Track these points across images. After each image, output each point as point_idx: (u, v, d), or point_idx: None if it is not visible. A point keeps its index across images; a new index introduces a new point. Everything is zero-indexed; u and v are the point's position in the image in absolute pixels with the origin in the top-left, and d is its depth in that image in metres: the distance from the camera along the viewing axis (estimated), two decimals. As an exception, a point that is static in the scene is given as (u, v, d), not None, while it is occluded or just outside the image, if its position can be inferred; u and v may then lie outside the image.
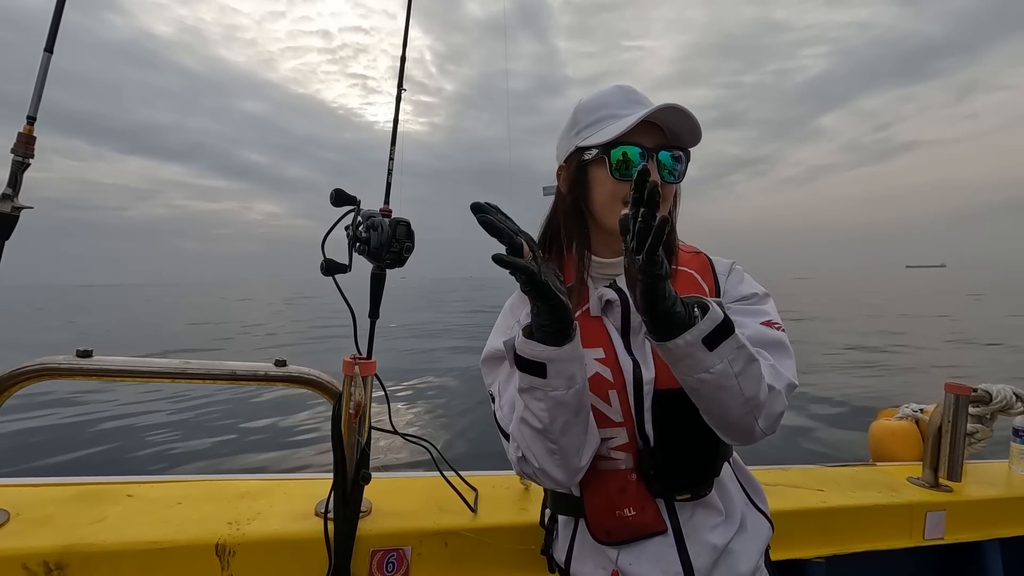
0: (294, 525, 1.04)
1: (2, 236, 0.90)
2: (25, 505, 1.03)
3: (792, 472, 1.52)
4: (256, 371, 1.09)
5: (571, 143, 0.87)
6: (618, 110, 0.84)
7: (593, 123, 0.85)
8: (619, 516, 0.81)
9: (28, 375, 0.98)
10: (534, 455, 0.77)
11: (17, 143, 0.91)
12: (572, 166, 0.87)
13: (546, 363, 0.71)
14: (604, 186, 0.83)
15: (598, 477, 0.82)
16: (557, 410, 0.73)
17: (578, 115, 0.87)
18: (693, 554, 0.81)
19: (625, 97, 0.85)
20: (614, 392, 0.81)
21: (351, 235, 1.05)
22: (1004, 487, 1.54)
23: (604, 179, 0.83)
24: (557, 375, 0.71)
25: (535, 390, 0.73)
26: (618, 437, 0.81)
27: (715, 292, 0.89)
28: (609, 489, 0.82)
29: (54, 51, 0.94)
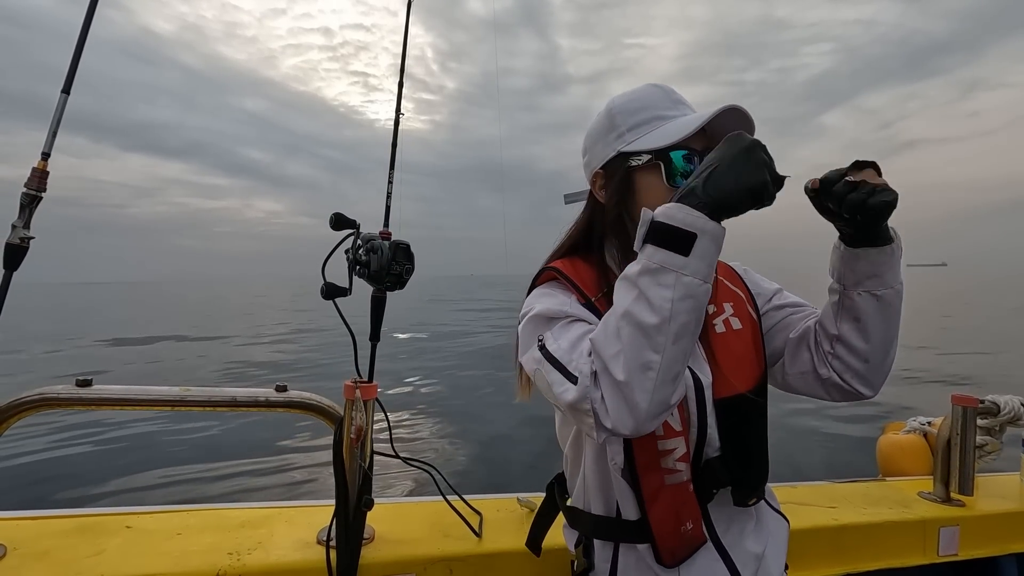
0: (296, 554, 1.02)
1: (11, 267, 0.91)
2: (22, 539, 1.02)
3: (801, 489, 1.50)
4: (256, 397, 1.08)
5: (611, 148, 0.81)
6: (663, 111, 0.79)
7: (637, 126, 0.79)
8: (683, 532, 0.76)
9: (27, 406, 0.97)
10: (623, 365, 0.61)
11: (31, 178, 0.93)
12: (615, 173, 0.81)
13: (697, 235, 0.61)
14: (655, 194, 0.77)
15: (665, 492, 0.75)
16: (683, 304, 0.61)
17: (616, 118, 0.81)
18: (740, 565, 0.78)
19: (667, 97, 0.80)
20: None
21: (351, 258, 1.05)
22: (1018, 500, 1.51)
23: (656, 186, 0.77)
24: (701, 256, 0.61)
25: (665, 272, 0.61)
26: (679, 448, 0.75)
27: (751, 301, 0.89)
28: (676, 504, 0.76)
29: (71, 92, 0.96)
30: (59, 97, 0.96)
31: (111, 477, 5.03)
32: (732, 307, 0.85)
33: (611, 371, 0.62)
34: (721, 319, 0.83)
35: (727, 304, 0.86)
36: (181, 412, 1.08)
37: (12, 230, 0.91)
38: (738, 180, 0.62)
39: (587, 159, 0.87)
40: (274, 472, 5.06)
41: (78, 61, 0.97)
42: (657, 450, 0.75)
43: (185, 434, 6.34)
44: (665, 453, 0.75)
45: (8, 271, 0.92)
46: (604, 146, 0.82)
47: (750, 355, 0.82)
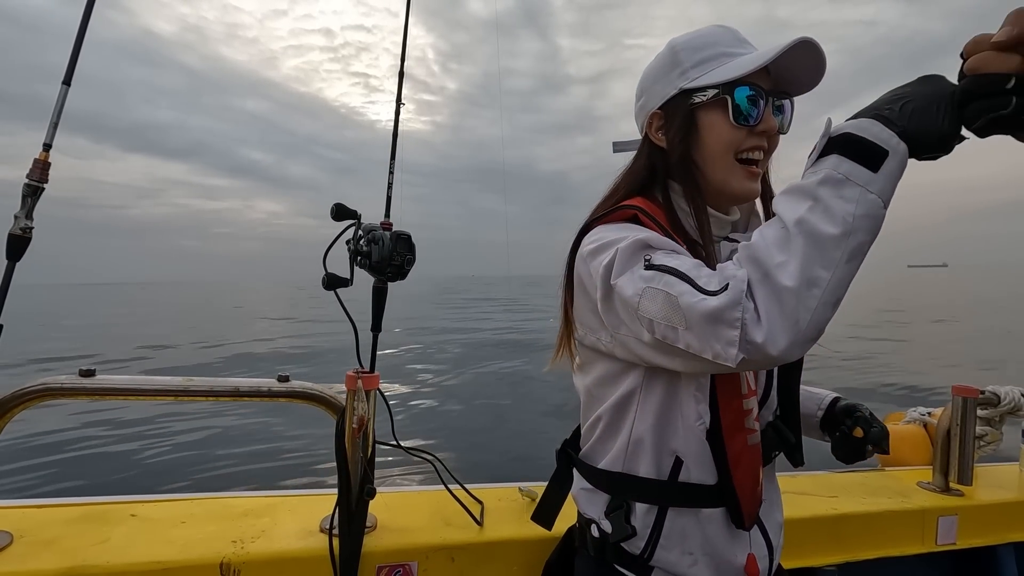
0: (299, 542, 1.03)
1: (14, 257, 0.91)
2: (28, 527, 1.03)
3: (801, 479, 1.50)
4: (259, 387, 1.09)
5: (673, 85, 0.76)
6: (729, 48, 0.74)
7: (702, 62, 0.74)
8: (757, 494, 0.75)
9: (30, 396, 0.98)
10: (792, 274, 0.55)
11: (33, 169, 0.93)
12: (677, 112, 0.76)
13: (890, 152, 0.55)
14: (719, 133, 0.74)
15: (747, 453, 0.73)
16: (864, 222, 0.55)
17: (680, 54, 0.76)
18: (771, 533, 0.79)
19: (733, 36, 0.76)
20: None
21: (352, 249, 1.05)
22: (1016, 490, 1.52)
23: (720, 124, 0.74)
24: (888, 176, 0.56)
25: (850, 185, 0.55)
26: (755, 408, 0.75)
27: None
28: (754, 465, 0.75)
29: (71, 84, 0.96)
30: (60, 89, 0.95)
31: (115, 466, 5.07)
32: None
33: (775, 278, 0.56)
34: None
35: None
36: (184, 402, 1.09)
37: (14, 220, 0.92)
38: (935, 122, 0.55)
39: (643, 101, 0.82)
40: (277, 461, 5.10)
41: (78, 53, 0.97)
42: (743, 409, 0.73)
43: (188, 424, 6.38)
44: (747, 413, 0.73)
45: (11, 262, 0.92)
46: (664, 85, 0.78)
47: None
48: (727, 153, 0.74)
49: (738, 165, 0.75)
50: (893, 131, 0.55)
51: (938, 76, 0.59)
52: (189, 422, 6.44)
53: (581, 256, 0.75)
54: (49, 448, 5.58)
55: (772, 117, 0.74)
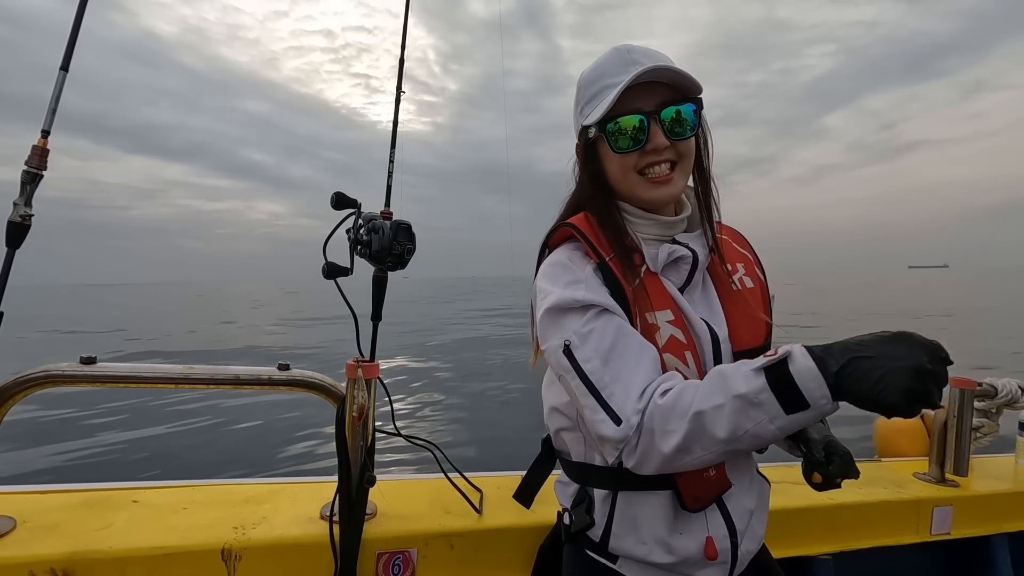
0: (299, 529, 1.04)
1: (13, 244, 0.91)
2: (32, 512, 1.04)
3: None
4: (259, 375, 1.09)
5: (577, 122, 0.85)
6: (613, 78, 0.78)
7: (592, 98, 0.81)
8: (705, 478, 0.78)
9: (32, 382, 0.98)
10: (672, 445, 0.65)
11: (31, 155, 0.93)
12: (583, 145, 0.85)
13: (810, 407, 0.60)
14: (612, 161, 0.81)
15: None
16: (751, 440, 0.63)
17: (580, 91, 0.84)
18: (736, 517, 0.82)
19: (620, 60, 0.79)
20: (688, 354, 0.77)
21: (352, 238, 1.05)
22: (1011, 481, 1.53)
23: (610, 154, 0.81)
24: (797, 422, 0.61)
25: (758, 410, 0.61)
26: None
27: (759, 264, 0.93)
28: None
29: (69, 69, 0.95)
30: (58, 74, 0.95)
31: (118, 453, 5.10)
32: (743, 267, 0.90)
33: (657, 441, 0.67)
34: (736, 277, 0.88)
35: (739, 264, 0.90)
36: (185, 390, 1.09)
37: (13, 208, 0.91)
38: (880, 391, 0.56)
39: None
40: (278, 449, 5.12)
41: (76, 39, 0.96)
42: None
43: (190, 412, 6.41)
44: None
45: (11, 249, 0.92)
46: (575, 119, 0.87)
47: (761, 312, 0.86)
48: (628, 173, 0.81)
49: (641, 179, 0.81)
50: (826, 391, 0.59)
51: (909, 341, 0.59)
52: (191, 410, 6.47)
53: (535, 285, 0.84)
54: (51, 434, 5.60)
55: (658, 135, 0.78)
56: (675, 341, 0.77)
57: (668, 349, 0.76)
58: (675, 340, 0.77)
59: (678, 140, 0.79)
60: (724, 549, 0.80)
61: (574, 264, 0.80)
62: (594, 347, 0.72)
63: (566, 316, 0.75)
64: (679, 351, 0.77)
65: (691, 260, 0.83)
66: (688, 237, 0.85)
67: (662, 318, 0.78)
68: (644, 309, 0.78)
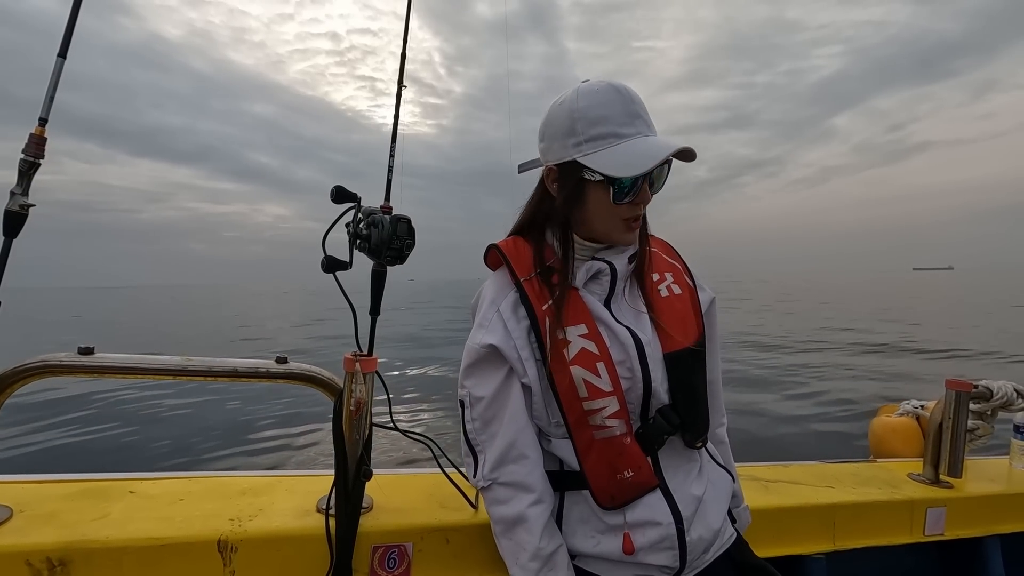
0: (296, 521, 1.04)
1: (10, 234, 0.91)
2: (28, 501, 1.04)
3: (793, 468, 1.52)
4: (257, 368, 1.09)
5: (568, 152, 0.85)
6: (619, 127, 0.82)
7: (594, 139, 0.83)
8: (620, 479, 0.86)
9: (30, 372, 0.98)
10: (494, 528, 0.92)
11: (28, 143, 0.92)
12: (569, 178, 0.87)
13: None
14: (603, 205, 0.86)
15: (597, 446, 0.86)
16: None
17: (577, 124, 0.84)
18: (681, 505, 0.87)
19: (625, 109, 0.83)
20: (601, 364, 0.85)
21: (352, 232, 1.05)
22: (1005, 483, 1.53)
23: (604, 200, 0.86)
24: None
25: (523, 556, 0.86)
26: (610, 406, 0.85)
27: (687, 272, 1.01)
28: (610, 455, 0.86)
29: (67, 56, 0.95)
30: (55, 61, 0.94)
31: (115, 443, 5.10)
32: (671, 276, 0.97)
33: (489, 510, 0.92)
34: (664, 285, 0.96)
35: (667, 273, 0.98)
36: (183, 381, 1.09)
37: (11, 197, 0.91)
38: None
39: (544, 146, 0.91)
40: (275, 442, 5.13)
41: (74, 25, 0.96)
42: (583, 410, 0.85)
43: (187, 403, 6.41)
44: (592, 412, 0.85)
45: (8, 238, 0.91)
46: (562, 148, 0.86)
47: (690, 315, 0.94)
48: (612, 216, 0.87)
49: (622, 222, 0.88)
50: None
51: None
52: (188, 401, 6.48)
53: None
54: (49, 424, 5.61)
55: (647, 191, 0.86)
56: (585, 353, 0.85)
57: (576, 362, 0.85)
58: (585, 352, 0.85)
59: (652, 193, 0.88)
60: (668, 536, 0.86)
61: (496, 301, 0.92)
62: (479, 412, 0.90)
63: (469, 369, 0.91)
64: (589, 363, 0.85)
65: (609, 272, 0.91)
66: (609, 253, 0.92)
67: (574, 332, 0.86)
68: (556, 325, 0.86)
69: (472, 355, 0.90)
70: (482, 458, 0.90)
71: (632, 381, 0.86)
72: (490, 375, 0.89)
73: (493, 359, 0.89)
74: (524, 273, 0.90)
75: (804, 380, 7.78)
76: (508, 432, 0.88)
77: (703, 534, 0.89)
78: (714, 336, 1.02)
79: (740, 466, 1.48)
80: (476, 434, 0.90)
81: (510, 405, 0.89)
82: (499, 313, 0.90)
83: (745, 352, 10.50)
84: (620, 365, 0.86)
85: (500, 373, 0.89)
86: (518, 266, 0.91)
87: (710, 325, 0.99)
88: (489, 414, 0.89)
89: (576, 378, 0.84)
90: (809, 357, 9.93)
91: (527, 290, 0.89)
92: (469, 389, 0.91)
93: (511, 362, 0.88)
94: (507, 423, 0.88)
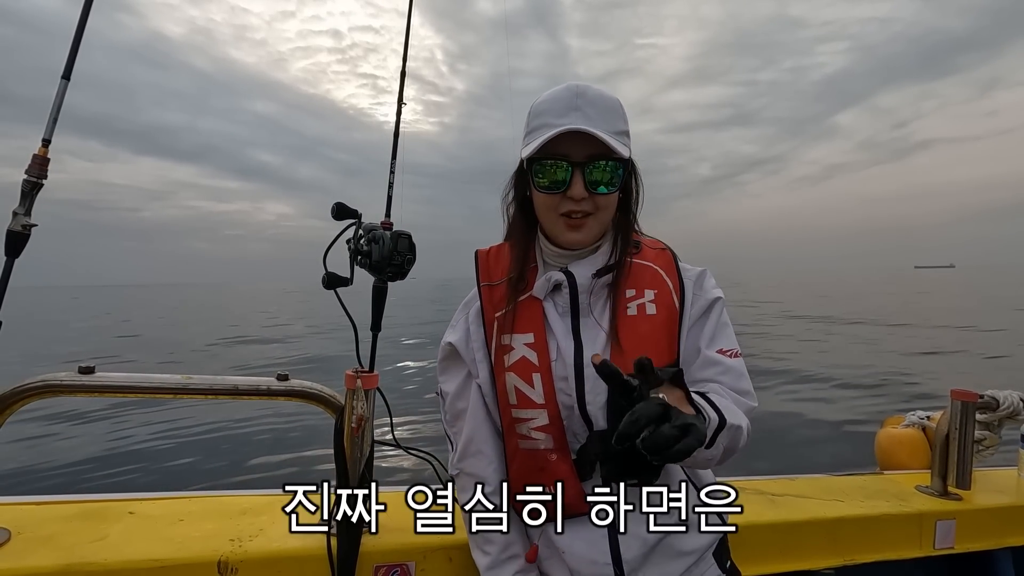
0: (297, 541, 1.03)
1: (13, 254, 0.91)
2: (27, 524, 1.03)
3: (799, 482, 1.50)
4: (258, 386, 1.08)
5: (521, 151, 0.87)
6: (553, 119, 0.80)
7: (532, 131, 0.83)
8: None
9: (30, 392, 0.98)
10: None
11: (32, 164, 0.93)
12: (521, 176, 0.90)
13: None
14: (538, 197, 0.85)
15: (520, 455, 0.87)
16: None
17: (527, 120, 0.85)
18: (624, 545, 0.81)
19: (566, 103, 0.80)
20: (537, 375, 0.84)
21: (352, 248, 1.05)
22: (1014, 495, 1.52)
23: (537, 191, 0.84)
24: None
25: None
26: (539, 418, 0.84)
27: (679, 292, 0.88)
28: (530, 467, 0.85)
29: (71, 78, 0.96)
30: (59, 83, 0.96)
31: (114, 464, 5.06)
32: (654, 294, 0.87)
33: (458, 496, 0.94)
34: (636, 303, 0.86)
35: (649, 291, 0.87)
36: (183, 400, 1.08)
37: (13, 217, 0.91)
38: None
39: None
40: (275, 460, 5.09)
41: (78, 47, 0.97)
42: (511, 416, 0.86)
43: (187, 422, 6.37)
44: (519, 421, 0.85)
45: (10, 258, 0.92)
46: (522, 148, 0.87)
47: (658, 339, 0.84)
48: (549, 211, 0.85)
49: (561, 219, 0.84)
50: None
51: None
52: (188, 420, 6.44)
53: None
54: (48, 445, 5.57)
55: (578, 184, 0.80)
56: (524, 362, 0.84)
57: (513, 369, 0.85)
58: (524, 361, 0.84)
59: (596, 194, 0.81)
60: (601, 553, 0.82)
61: (471, 301, 0.95)
62: (448, 406, 0.95)
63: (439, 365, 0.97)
64: (525, 372, 0.84)
65: (568, 285, 0.86)
66: (576, 264, 0.88)
67: (520, 341, 0.85)
68: (503, 331, 0.87)
69: (441, 352, 0.96)
70: (452, 449, 0.95)
71: (571, 398, 0.83)
72: (454, 372, 0.95)
73: (456, 357, 0.94)
74: (491, 279, 0.93)
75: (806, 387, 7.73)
76: (468, 427, 0.92)
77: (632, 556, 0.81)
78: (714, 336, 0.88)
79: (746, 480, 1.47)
80: (448, 426, 0.96)
81: (471, 402, 0.92)
82: (466, 317, 0.94)
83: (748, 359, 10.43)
84: (561, 380, 0.83)
85: (462, 371, 0.94)
86: (484, 272, 0.94)
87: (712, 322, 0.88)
88: (455, 408, 0.94)
89: (508, 385, 0.85)
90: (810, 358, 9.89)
91: (483, 295, 0.92)
92: (441, 384, 0.97)
93: (467, 362, 0.93)
94: (468, 419, 0.92)
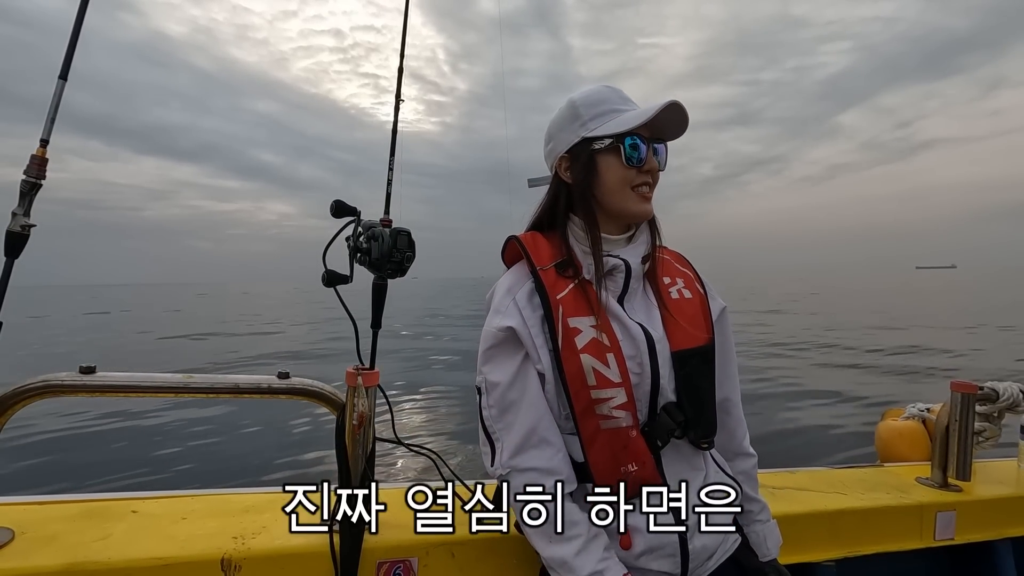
0: (299, 538, 1.03)
1: (12, 254, 0.91)
2: (30, 523, 1.03)
3: (800, 475, 1.51)
4: (259, 384, 1.08)
5: (576, 134, 0.92)
6: (617, 105, 0.92)
7: (597, 116, 0.91)
8: (624, 472, 0.86)
9: (31, 393, 0.98)
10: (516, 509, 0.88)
11: (30, 165, 0.93)
12: (580, 156, 0.93)
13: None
14: (615, 172, 0.90)
15: (602, 436, 0.86)
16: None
17: (579, 109, 0.92)
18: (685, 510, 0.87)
19: (619, 95, 0.93)
20: (611, 355, 0.86)
21: (352, 246, 1.05)
22: (1014, 486, 1.52)
23: (615, 165, 0.90)
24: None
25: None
26: (617, 397, 0.85)
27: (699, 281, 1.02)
28: (614, 447, 0.86)
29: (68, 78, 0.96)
30: (56, 83, 0.95)
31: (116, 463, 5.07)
32: (682, 281, 1.00)
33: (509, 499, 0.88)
34: (675, 288, 0.98)
35: (678, 279, 1.00)
36: (184, 399, 1.08)
37: (12, 218, 0.91)
38: None
39: (551, 146, 0.98)
40: (277, 458, 5.10)
41: (74, 48, 0.97)
42: (591, 398, 0.85)
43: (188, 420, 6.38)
44: (599, 401, 0.85)
45: (9, 259, 0.92)
46: (569, 133, 0.94)
47: (700, 318, 0.96)
48: (624, 186, 0.91)
49: (633, 193, 0.92)
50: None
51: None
52: (190, 418, 6.45)
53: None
54: (50, 445, 5.58)
55: (653, 159, 0.92)
56: (596, 343, 0.86)
57: (587, 350, 0.85)
58: (596, 342, 0.86)
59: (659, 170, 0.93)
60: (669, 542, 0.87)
61: (514, 286, 0.93)
62: (495, 399, 0.88)
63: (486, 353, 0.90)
64: (600, 353, 0.86)
65: (624, 269, 0.93)
66: (625, 251, 0.95)
67: (586, 323, 0.87)
68: (569, 314, 0.88)
69: (489, 339, 0.89)
70: (499, 446, 0.87)
71: (641, 376, 0.87)
72: (507, 360, 0.89)
73: (509, 344, 0.89)
74: (541, 264, 0.92)
75: (807, 383, 7.75)
76: (528, 418, 0.86)
77: (707, 542, 0.89)
78: (728, 348, 1.03)
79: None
80: (493, 422, 0.88)
81: (528, 391, 0.88)
82: (515, 301, 0.91)
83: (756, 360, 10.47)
84: (630, 359, 0.87)
85: (517, 358, 0.89)
86: (536, 257, 0.93)
87: (722, 334, 1.00)
88: (506, 400, 0.87)
89: (585, 366, 0.85)
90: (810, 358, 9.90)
91: (543, 279, 0.90)
92: (485, 375, 0.90)
93: (527, 347, 0.88)
94: (526, 409, 0.87)
